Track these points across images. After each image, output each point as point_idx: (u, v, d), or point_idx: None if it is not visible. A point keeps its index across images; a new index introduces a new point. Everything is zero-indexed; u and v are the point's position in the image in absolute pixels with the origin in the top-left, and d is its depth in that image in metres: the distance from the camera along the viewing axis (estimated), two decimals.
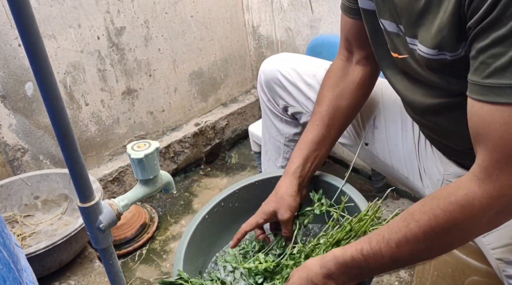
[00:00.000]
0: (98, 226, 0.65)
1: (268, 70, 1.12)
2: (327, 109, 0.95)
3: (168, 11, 1.64)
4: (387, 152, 1.01)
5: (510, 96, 0.53)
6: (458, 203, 0.59)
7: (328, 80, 0.98)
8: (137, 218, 1.53)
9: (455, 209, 0.60)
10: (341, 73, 0.97)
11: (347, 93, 0.96)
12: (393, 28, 0.75)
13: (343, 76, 0.97)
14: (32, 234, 1.33)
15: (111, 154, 1.69)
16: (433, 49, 0.65)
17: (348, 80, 0.96)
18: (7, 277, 0.53)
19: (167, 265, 1.45)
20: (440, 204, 0.61)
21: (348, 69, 0.97)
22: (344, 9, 0.94)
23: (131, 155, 0.70)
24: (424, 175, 0.95)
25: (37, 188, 1.39)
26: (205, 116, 1.92)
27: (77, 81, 1.50)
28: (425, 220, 0.62)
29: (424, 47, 0.66)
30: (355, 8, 0.90)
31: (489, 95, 0.55)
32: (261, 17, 1.82)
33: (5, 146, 1.42)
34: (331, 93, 0.96)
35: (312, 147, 0.96)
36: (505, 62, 0.53)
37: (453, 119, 0.77)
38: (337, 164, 1.77)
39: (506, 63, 0.53)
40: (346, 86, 0.96)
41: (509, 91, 0.53)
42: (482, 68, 0.56)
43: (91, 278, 1.23)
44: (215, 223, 1.02)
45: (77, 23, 1.44)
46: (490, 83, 0.55)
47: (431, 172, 0.93)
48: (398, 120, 0.99)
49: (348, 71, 0.97)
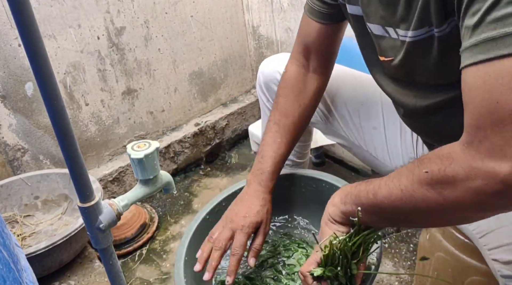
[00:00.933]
0: (98, 226, 0.65)
1: (267, 71, 1.12)
2: (295, 122, 0.95)
3: (168, 11, 1.64)
4: (386, 153, 1.01)
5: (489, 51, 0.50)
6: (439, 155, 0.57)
7: (290, 90, 0.96)
8: (137, 218, 1.53)
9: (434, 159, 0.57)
10: (302, 84, 0.95)
11: (309, 106, 0.96)
12: (379, 31, 0.74)
13: (303, 88, 0.95)
14: (32, 234, 1.33)
15: (111, 154, 1.69)
16: (421, 29, 0.64)
17: (308, 91, 0.96)
18: (7, 277, 0.53)
19: (167, 265, 1.45)
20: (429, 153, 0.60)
21: (306, 78, 0.96)
22: (311, 12, 0.91)
23: (131, 155, 0.70)
24: None
25: (37, 188, 1.39)
26: (205, 116, 1.92)
27: (77, 81, 1.50)
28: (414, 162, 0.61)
29: (412, 31, 0.66)
30: (325, 12, 0.88)
31: (471, 57, 0.52)
32: (261, 17, 1.82)
33: (5, 146, 1.42)
34: (296, 105, 0.95)
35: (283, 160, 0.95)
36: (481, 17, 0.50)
37: (445, 118, 0.77)
38: (337, 164, 1.77)
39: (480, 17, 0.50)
40: (307, 97, 0.95)
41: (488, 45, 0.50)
42: (465, 32, 0.53)
43: (91, 278, 1.23)
44: (215, 223, 1.01)
45: (77, 23, 1.44)
46: (470, 43, 0.52)
47: None
48: (397, 121, 0.99)
49: (307, 81, 0.96)
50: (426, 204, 0.59)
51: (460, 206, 0.56)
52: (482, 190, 0.52)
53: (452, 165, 0.55)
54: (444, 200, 0.56)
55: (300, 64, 0.96)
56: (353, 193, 0.70)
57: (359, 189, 0.69)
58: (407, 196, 0.60)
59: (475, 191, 0.53)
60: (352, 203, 0.70)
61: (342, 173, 1.71)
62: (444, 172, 0.55)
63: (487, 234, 0.75)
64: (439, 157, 0.57)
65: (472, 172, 0.53)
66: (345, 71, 1.09)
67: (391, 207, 0.64)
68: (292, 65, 0.97)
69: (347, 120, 1.04)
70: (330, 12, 0.89)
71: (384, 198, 0.64)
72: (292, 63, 0.97)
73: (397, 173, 0.63)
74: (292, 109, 0.95)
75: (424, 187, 0.58)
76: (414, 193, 0.59)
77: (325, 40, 0.90)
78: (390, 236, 1.42)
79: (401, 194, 0.61)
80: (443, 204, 0.57)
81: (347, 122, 1.04)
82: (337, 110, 1.05)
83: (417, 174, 0.59)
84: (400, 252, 1.36)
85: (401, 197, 0.61)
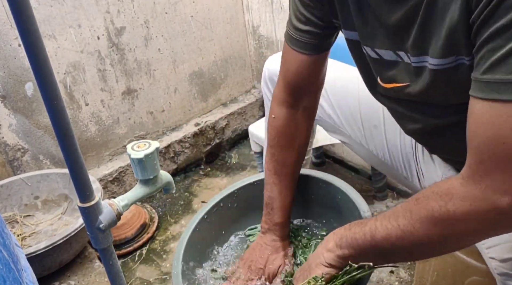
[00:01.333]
0: (98, 226, 0.65)
1: (272, 66, 1.13)
2: (295, 169, 0.97)
3: (168, 11, 1.64)
4: (386, 151, 1.01)
5: (503, 92, 0.50)
6: (437, 192, 0.59)
7: (282, 139, 0.94)
8: (137, 218, 1.53)
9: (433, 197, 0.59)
10: (294, 128, 0.93)
11: (303, 146, 0.97)
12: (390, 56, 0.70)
13: (295, 131, 0.94)
14: (32, 234, 1.33)
15: (111, 154, 1.69)
16: (447, 58, 0.61)
17: (300, 132, 0.95)
18: (7, 277, 0.53)
19: (167, 265, 1.45)
20: (425, 190, 0.61)
21: (297, 120, 0.93)
22: (293, 43, 0.84)
23: (131, 155, 0.70)
24: (422, 177, 0.95)
25: (37, 188, 1.39)
26: (205, 116, 1.92)
27: (77, 81, 1.50)
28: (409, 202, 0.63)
29: (436, 59, 0.62)
30: (307, 41, 0.82)
31: (484, 91, 0.52)
32: (261, 17, 1.82)
33: (5, 146, 1.42)
34: (292, 152, 0.95)
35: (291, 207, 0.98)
36: (501, 56, 0.50)
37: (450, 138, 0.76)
38: (337, 164, 1.77)
39: (502, 57, 0.50)
40: (300, 138, 0.96)
41: (502, 87, 0.50)
42: (481, 63, 0.53)
43: (91, 278, 1.23)
44: (214, 223, 1.02)
45: (77, 23, 1.44)
46: (485, 79, 0.52)
47: (429, 174, 0.93)
48: None
49: (298, 122, 0.93)
50: (429, 239, 0.61)
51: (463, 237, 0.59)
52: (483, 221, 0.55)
53: (452, 201, 0.57)
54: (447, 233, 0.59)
55: (288, 105, 0.91)
56: (348, 235, 0.71)
57: (354, 231, 0.70)
58: (408, 234, 0.62)
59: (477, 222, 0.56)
60: (348, 247, 0.71)
61: (342, 173, 1.71)
62: (445, 208, 0.57)
63: None
64: (438, 194, 0.59)
65: (473, 205, 0.55)
66: (347, 69, 1.09)
67: (391, 247, 0.65)
68: (280, 108, 0.92)
69: (349, 118, 1.04)
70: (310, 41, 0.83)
71: (383, 239, 0.65)
72: (279, 106, 0.92)
73: (392, 213, 0.65)
74: (290, 158, 0.95)
75: (425, 224, 0.60)
76: (416, 231, 0.61)
77: (311, 73, 0.87)
78: None
79: (401, 233, 0.63)
80: (446, 237, 0.60)
81: (348, 120, 1.05)
82: (339, 108, 1.06)
83: (416, 212, 0.61)
84: None
85: (402, 236, 0.63)
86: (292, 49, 0.85)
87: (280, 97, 0.92)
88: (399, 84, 0.71)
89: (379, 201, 1.57)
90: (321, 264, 0.74)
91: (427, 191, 0.61)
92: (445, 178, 0.62)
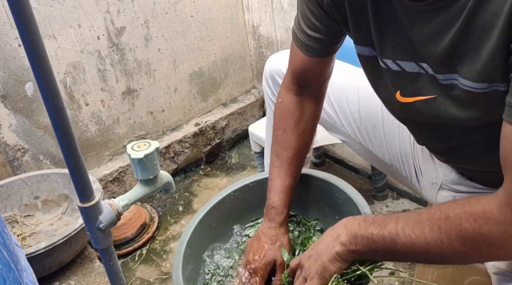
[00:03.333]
0: (98, 226, 0.65)
1: (273, 65, 1.13)
2: (297, 153, 0.94)
3: (168, 11, 1.64)
4: (385, 151, 1.01)
5: None
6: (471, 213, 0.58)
7: (287, 122, 0.94)
8: (137, 218, 1.53)
9: (466, 217, 0.58)
10: (299, 112, 0.94)
11: (307, 131, 0.96)
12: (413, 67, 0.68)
13: (301, 116, 0.94)
14: (32, 234, 1.33)
15: (111, 154, 1.69)
16: (483, 83, 0.58)
17: (305, 117, 0.94)
18: (7, 277, 0.53)
19: (167, 265, 1.45)
20: (455, 208, 0.60)
21: (303, 105, 0.94)
22: (301, 45, 0.86)
23: (131, 155, 0.70)
24: (421, 176, 0.95)
25: (37, 188, 1.39)
26: (205, 116, 1.92)
27: (77, 81, 1.50)
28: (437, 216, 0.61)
29: (471, 81, 0.59)
30: (315, 47, 0.84)
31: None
32: (261, 17, 1.82)
33: (5, 146, 1.42)
34: (295, 136, 0.94)
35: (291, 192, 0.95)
36: None
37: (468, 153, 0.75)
38: (337, 164, 1.77)
39: None
40: (305, 124, 0.95)
41: None
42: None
43: (91, 278, 1.23)
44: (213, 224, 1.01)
45: (77, 23, 1.44)
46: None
47: (427, 174, 0.93)
48: (395, 120, 0.99)
49: (304, 108, 0.94)
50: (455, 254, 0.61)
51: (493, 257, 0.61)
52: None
53: (488, 225, 0.56)
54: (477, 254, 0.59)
55: (295, 92, 0.94)
56: (364, 235, 0.69)
57: (371, 232, 0.68)
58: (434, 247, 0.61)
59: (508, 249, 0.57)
60: (363, 245, 0.70)
61: (342, 173, 1.71)
62: (479, 231, 0.57)
63: None
64: (471, 215, 0.58)
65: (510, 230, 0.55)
66: (347, 68, 1.09)
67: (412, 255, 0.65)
68: (287, 93, 0.95)
69: (348, 117, 1.05)
70: (317, 46, 0.84)
71: (405, 246, 0.64)
72: (286, 92, 0.95)
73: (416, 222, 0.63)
74: (292, 142, 0.94)
75: (455, 241, 0.59)
76: (443, 245, 0.61)
77: (317, 71, 0.88)
78: None
79: (427, 245, 0.62)
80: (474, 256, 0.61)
81: (347, 119, 1.05)
82: (339, 107, 1.06)
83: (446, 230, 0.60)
84: None
85: (427, 248, 0.62)
86: (299, 50, 0.86)
87: (289, 85, 0.94)
88: (424, 97, 0.68)
89: (379, 201, 1.57)
90: (335, 259, 0.73)
91: (458, 209, 0.60)
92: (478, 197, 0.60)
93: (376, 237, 0.67)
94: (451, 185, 0.86)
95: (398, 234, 0.64)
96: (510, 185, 0.55)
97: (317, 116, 0.98)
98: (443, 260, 0.65)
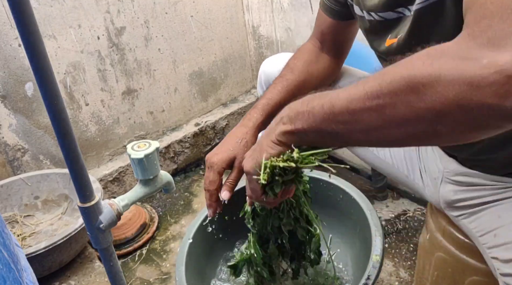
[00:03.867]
0: (98, 226, 0.65)
1: (269, 71, 1.12)
2: (300, 80, 0.96)
3: (168, 11, 1.64)
4: (387, 150, 1.01)
5: None
6: (426, 53, 0.46)
7: (301, 54, 1.01)
8: (137, 218, 1.53)
9: (419, 56, 0.46)
10: (314, 57, 1.01)
11: (315, 77, 0.99)
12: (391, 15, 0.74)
13: (315, 60, 1.01)
14: (32, 234, 1.33)
15: (111, 154, 1.69)
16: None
17: (319, 64, 1.01)
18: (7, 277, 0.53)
19: (167, 265, 1.45)
20: (408, 56, 0.48)
21: (319, 55, 1.02)
22: (325, 9, 0.97)
23: (131, 155, 0.70)
24: (424, 174, 0.95)
25: (37, 188, 1.39)
26: (205, 116, 1.92)
27: (77, 81, 1.50)
28: (382, 70, 0.50)
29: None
30: (337, 9, 0.93)
31: None
32: (261, 17, 1.82)
33: (5, 146, 1.43)
34: (305, 67, 0.98)
35: (277, 105, 0.90)
36: None
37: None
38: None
39: None
40: (316, 69, 1.00)
41: None
42: None
43: (91, 278, 1.23)
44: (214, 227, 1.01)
45: (77, 23, 1.44)
46: None
47: (431, 170, 0.93)
48: None
49: (320, 56, 1.02)
50: (395, 108, 0.47)
51: (444, 108, 0.44)
52: (474, 82, 0.41)
53: (441, 58, 0.44)
54: (426, 102, 0.44)
55: (316, 44, 1.02)
56: (305, 111, 0.59)
57: (312, 105, 0.57)
58: (371, 98, 0.49)
59: (465, 84, 0.41)
60: (304, 122, 0.59)
61: (342, 173, 1.72)
62: (431, 67, 0.44)
63: (487, 233, 0.75)
64: (426, 53, 0.46)
65: (465, 61, 0.42)
66: (348, 69, 1.09)
67: (350, 118, 0.52)
68: (309, 43, 1.04)
69: None
70: (340, 9, 0.93)
71: (342, 108, 0.52)
72: (309, 42, 1.04)
73: (364, 80, 0.51)
74: (300, 68, 0.98)
75: (396, 84, 0.46)
76: (382, 93, 0.47)
77: (337, 33, 0.97)
78: (390, 236, 1.42)
79: (364, 96, 0.49)
80: (423, 108, 0.45)
81: None
82: None
83: (391, 73, 0.47)
84: (400, 252, 1.36)
85: (363, 100, 0.49)
86: (324, 14, 0.97)
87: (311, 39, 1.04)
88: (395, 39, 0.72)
89: (379, 201, 1.57)
90: (273, 143, 0.64)
91: (412, 55, 0.47)
92: None
93: (316, 108, 0.56)
94: (451, 177, 0.86)
95: (339, 96, 0.53)
96: (470, 17, 0.45)
97: (329, 74, 1.02)
98: (381, 125, 0.50)
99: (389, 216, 1.50)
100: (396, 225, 1.46)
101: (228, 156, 0.86)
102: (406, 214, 1.50)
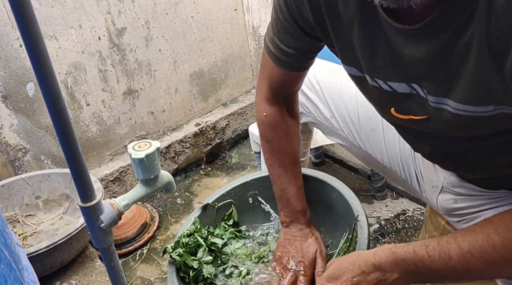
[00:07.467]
0: (99, 225, 0.66)
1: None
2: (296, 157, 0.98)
3: (168, 12, 1.65)
4: (385, 154, 1.01)
5: None
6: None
7: (278, 133, 0.97)
8: (138, 218, 1.53)
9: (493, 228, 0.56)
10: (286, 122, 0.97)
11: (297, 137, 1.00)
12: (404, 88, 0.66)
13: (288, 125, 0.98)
14: (33, 233, 1.33)
15: (112, 153, 1.69)
16: (487, 106, 0.56)
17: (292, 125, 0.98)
18: (8, 276, 0.54)
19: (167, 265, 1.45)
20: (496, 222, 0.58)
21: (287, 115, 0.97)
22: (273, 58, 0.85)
23: (132, 155, 0.70)
24: (422, 180, 0.95)
25: (38, 188, 1.39)
26: (205, 116, 1.93)
27: (78, 81, 1.51)
28: (505, 230, 0.58)
29: (465, 105, 0.57)
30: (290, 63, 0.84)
31: None
32: (261, 18, 1.82)
33: (6, 146, 1.43)
34: (291, 143, 0.98)
35: (304, 194, 0.99)
36: None
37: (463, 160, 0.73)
38: (336, 164, 1.77)
39: None
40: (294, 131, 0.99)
41: None
42: None
43: (92, 278, 1.23)
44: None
45: (78, 23, 1.44)
46: None
47: (428, 177, 0.93)
48: None
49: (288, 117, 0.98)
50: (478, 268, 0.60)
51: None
52: None
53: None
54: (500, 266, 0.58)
55: (276, 103, 0.96)
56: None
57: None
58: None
59: None
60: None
61: (341, 173, 1.72)
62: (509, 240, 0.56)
63: None
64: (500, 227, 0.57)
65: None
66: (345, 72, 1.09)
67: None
68: (270, 107, 0.96)
69: (347, 121, 1.04)
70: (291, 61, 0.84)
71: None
72: (269, 105, 0.96)
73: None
74: (289, 148, 0.97)
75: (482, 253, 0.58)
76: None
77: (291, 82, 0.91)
78: (389, 236, 1.42)
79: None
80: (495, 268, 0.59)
81: (346, 123, 1.05)
82: (337, 111, 1.05)
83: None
84: None
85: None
86: (273, 62, 0.86)
87: (268, 97, 0.95)
88: (417, 117, 0.67)
89: (379, 200, 1.57)
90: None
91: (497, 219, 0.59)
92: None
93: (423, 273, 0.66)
94: (451, 187, 0.86)
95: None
96: None
97: (298, 121, 1.01)
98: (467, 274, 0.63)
99: (388, 215, 1.50)
100: (395, 225, 1.46)
101: (312, 256, 0.93)
102: (405, 214, 1.50)
